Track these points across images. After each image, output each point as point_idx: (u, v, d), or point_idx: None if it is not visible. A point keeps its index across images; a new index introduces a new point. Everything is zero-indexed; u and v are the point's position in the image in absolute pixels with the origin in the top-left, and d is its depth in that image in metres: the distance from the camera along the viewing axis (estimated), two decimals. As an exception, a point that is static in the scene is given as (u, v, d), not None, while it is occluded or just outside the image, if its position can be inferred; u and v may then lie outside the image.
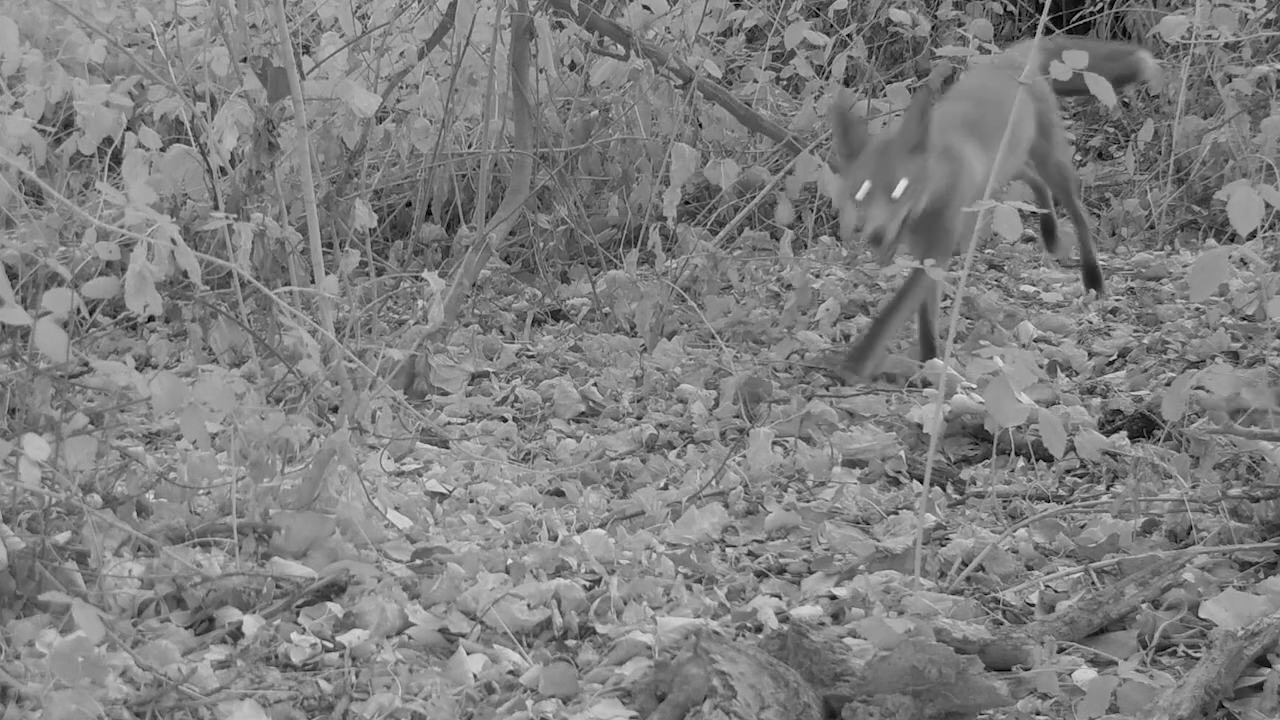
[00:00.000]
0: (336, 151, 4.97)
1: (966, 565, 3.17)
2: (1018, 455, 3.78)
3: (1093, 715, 2.57)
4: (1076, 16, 6.42)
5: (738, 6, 6.31)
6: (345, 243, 4.54)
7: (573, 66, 5.68)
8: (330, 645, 2.88)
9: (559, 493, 3.67)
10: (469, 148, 5.39)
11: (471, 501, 3.62)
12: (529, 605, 2.99)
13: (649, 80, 5.26)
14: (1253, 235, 4.65)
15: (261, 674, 2.79)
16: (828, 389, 4.29)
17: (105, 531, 3.08)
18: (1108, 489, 3.62)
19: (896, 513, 3.51)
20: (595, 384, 4.34)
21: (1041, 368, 4.21)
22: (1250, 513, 3.26)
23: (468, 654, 2.84)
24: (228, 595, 3.00)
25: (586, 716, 2.64)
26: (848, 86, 5.89)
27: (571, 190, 5.22)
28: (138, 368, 3.49)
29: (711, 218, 5.09)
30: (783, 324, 4.73)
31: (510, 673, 2.80)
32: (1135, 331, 4.70)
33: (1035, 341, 4.60)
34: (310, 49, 5.42)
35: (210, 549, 3.17)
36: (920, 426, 3.87)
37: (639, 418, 4.16)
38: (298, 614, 2.98)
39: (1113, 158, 6.29)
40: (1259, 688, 2.65)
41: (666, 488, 3.70)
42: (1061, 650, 2.82)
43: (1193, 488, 3.45)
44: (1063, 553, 3.30)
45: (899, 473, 3.73)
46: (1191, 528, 3.30)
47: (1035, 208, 3.73)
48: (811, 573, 3.23)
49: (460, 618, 2.97)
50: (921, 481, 3.23)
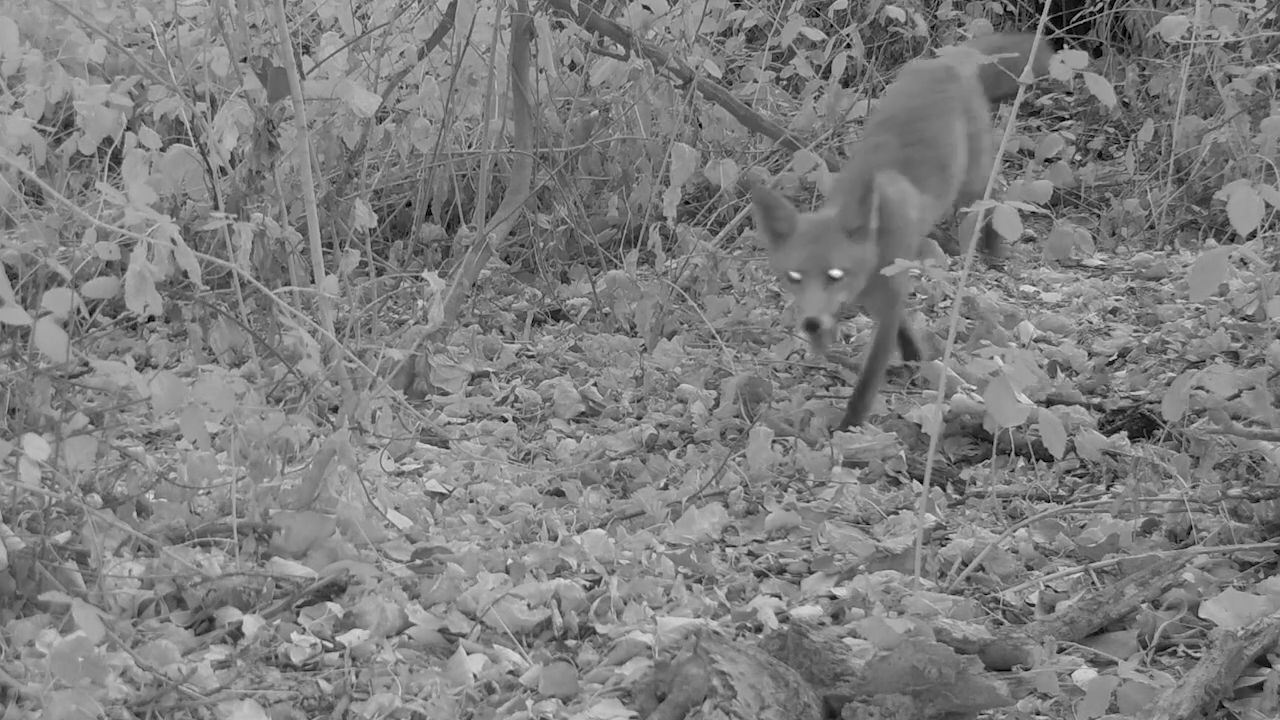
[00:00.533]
0: (336, 151, 4.97)
1: (966, 565, 3.17)
2: (1018, 455, 3.78)
3: (1093, 715, 2.57)
4: (1076, 16, 6.42)
5: (738, 6, 6.31)
6: (345, 243, 4.54)
7: (573, 66, 5.68)
8: (330, 645, 2.88)
9: (559, 493, 3.67)
10: (469, 148, 5.39)
11: (471, 501, 3.62)
12: (529, 605, 2.99)
13: (649, 80, 5.25)
14: (1253, 235, 4.64)
15: (261, 674, 2.79)
16: (828, 389, 4.29)
17: (105, 531, 3.08)
18: (1108, 489, 3.62)
19: (896, 513, 3.51)
20: (595, 384, 4.34)
21: (1041, 368, 4.21)
22: (1250, 513, 3.26)
23: (468, 654, 2.84)
24: (228, 595, 3.00)
25: (586, 716, 2.64)
26: (847, 86, 5.89)
27: (571, 190, 5.21)
28: (138, 368, 3.49)
29: (711, 218, 5.08)
30: (783, 324, 4.73)
31: (510, 673, 2.80)
32: (1135, 331, 4.69)
33: (1035, 341, 4.60)
34: (310, 49, 5.42)
35: (210, 549, 3.17)
36: (920, 426, 3.86)
37: (639, 418, 4.16)
38: (298, 614, 2.99)
39: (1113, 158, 6.29)
40: (1259, 688, 2.65)
41: (666, 488, 3.70)
42: (1061, 650, 2.82)
43: (1193, 488, 3.45)
44: (1063, 553, 3.30)
45: (899, 473, 3.73)
46: (1191, 528, 3.30)
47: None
48: (811, 573, 3.23)
49: (460, 618, 2.97)
50: (921, 481, 3.23)
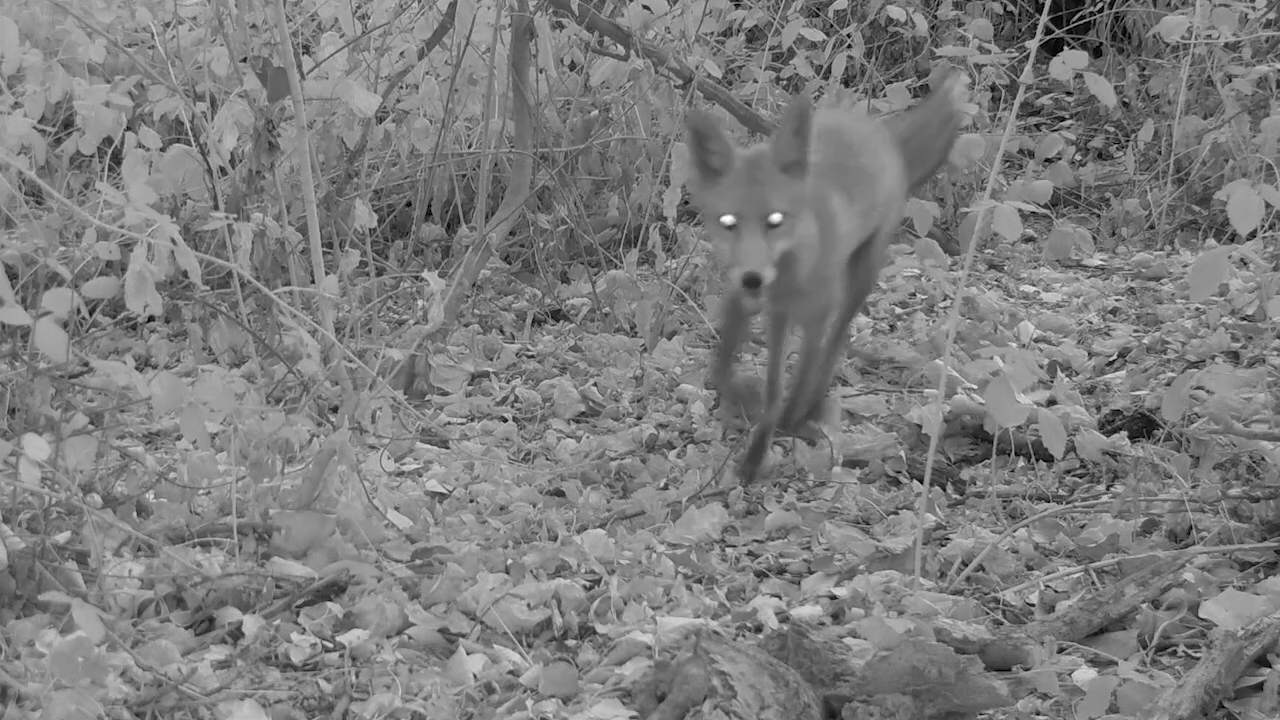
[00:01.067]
0: (336, 151, 4.97)
1: (966, 565, 3.17)
2: (1018, 455, 3.78)
3: (1093, 715, 2.57)
4: (1076, 16, 6.42)
5: (738, 6, 6.31)
6: (345, 243, 4.54)
7: (573, 66, 5.68)
8: (330, 645, 2.88)
9: (559, 493, 3.67)
10: (469, 148, 5.39)
11: (471, 501, 3.62)
12: (529, 605, 2.99)
13: (649, 80, 5.25)
14: (1253, 235, 4.64)
15: (261, 674, 2.79)
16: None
17: (105, 531, 3.08)
18: (1108, 489, 3.62)
19: (896, 513, 3.51)
20: (595, 384, 4.34)
21: (1041, 368, 4.21)
22: (1250, 513, 3.26)
23: (468, 654, 2.84)
24: (228, 595, 3.00)
25: (586, 716, 2.64)
26: (848, 86, 5.89)
27: (571, 190, 5.21)
28: (138, 368, 3.49)
29: (712, 218, 5.08)
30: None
31: (510, 673, 2.80)
32: (1135, 331, 4.69)
33: (1035, 341, 4.59)
34: (310, 49, 5.42)
35: (210, 549, 3.17)
36: (920, 426, 3.86)
37: (639, 418, 4.16)
38: (298, 614, 2.99)
39: (1113, 158, 6.29)
40: (1259, 688, 2.65)
41: (666, 488, 3.70)
42: (1061, 650, 2.82)
43: (1193, 488, 3.45)
44: (1063, 553, 3.30)
45: (899, 473, 3.73)
46: (1191, 528, 3.30)
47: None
48: (811, 573, 3.23)
49: (460, 618, 2.97)
50: (921, 481, 3.23)
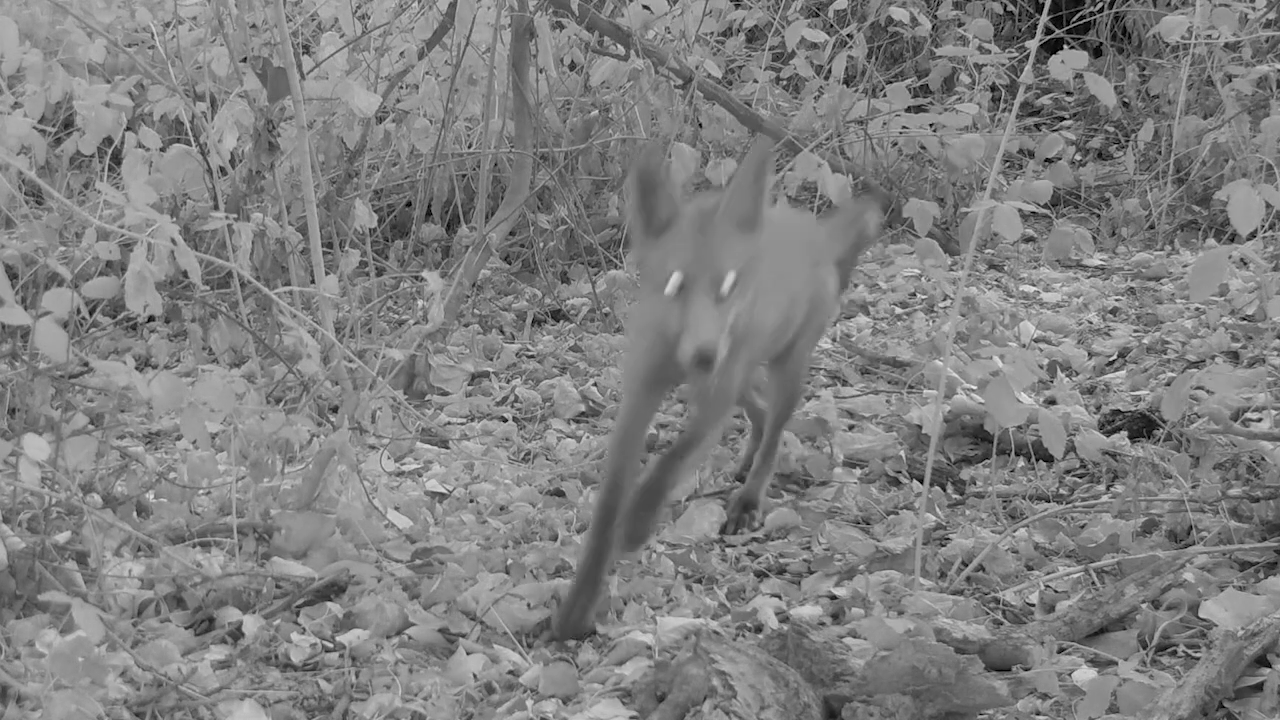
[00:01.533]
0: (336, 151, 4.97)
1: (966, 565, 3.17)
2: (1018, 455, 3.78)
3: (1093, 715, 2.57)
4: (1076, 16, 6.42)
5: (738, 6, 6.31)
6: (345, 243, 4.54)
7: (573, 66, 5.68)
8: (330, 645, 2.88)
9: (559, 493, 3.67)
10: (469, 148, 5.39)
11: (471, 501, 3.62)
12: (529, 605, 2.99)
13: (649, 80, 5.25)
14: (1253, 235, 4.65)
15: (261, 674, 2.79)
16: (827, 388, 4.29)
17: (105, 531, 3.08)
18: (1108, 489, 3.62)
19: (896, 513, 3.50)
20: (595, 384, 4.34)
21: (1041, 368, 4.21)
22: (1250, 513, 3.26)
23: (468, 654, 2.84)
24: (228, 595, 3.00)
25: (586, 716, 2.64)
26: (848, 86, 5.89)
27: (571, 190, 5.21)
28: (138, 368, 3.48)
29: (712, 218, 5.08)
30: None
31: (510, 673, 2.80)
32: (1135, 331, 4.70)
33: (1035, 341, 4.59)
34: (310, 49, 5.42)
35: (210, 549, 3.17)
36: (920, 426, 3.87)
37: (639, 418, 4.15)
38: (298, 614, 2.98)
39: (1113, 158, 6.30)
40: (1259, 688, 2.65)
41: (666, 487, 3.69)
42: (1061, 650, 2.82)
43: (1193, 488, 3.45)
44: (1063, 553, 3.29)
45: (899, 473, 3.73)
46: (1191, 528, 3.29)
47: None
48: (811, 573, 3.23)
49: (460, 618, 2.97)
50: (921, 481, 3.23)
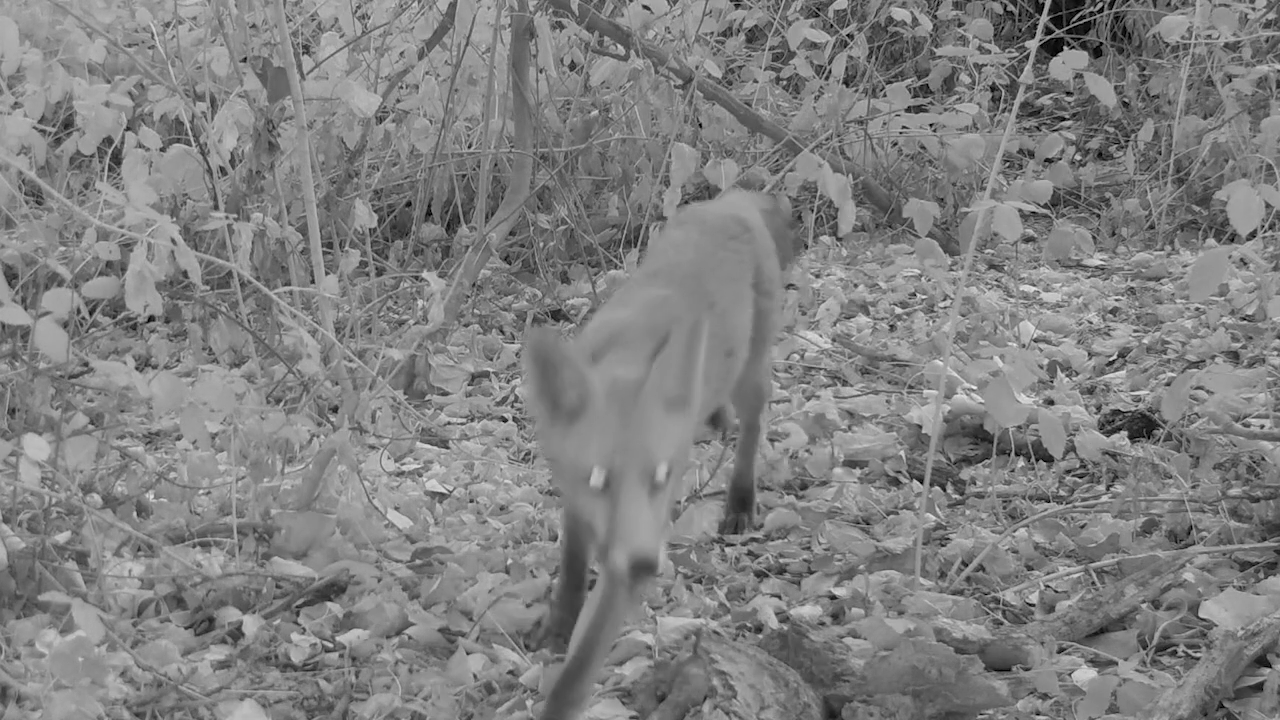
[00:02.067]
0: (336, 151, 4.97)
1: (966, 565, 3.17)
2: (1018, 455, 3.78)
3: (1093, 715, 2.57)
4: (1076, 16, 6.42)
5: (738, 6, 6.32)
6: (345, 243, 4.54)
7: (573, 66, 5.68)
8: (330, 645, 2.88)
9: (559, 492, 3.67)
10: (469, 148, 5.39)
11: (471, 501, 3.62)
12: (528, 605, 2.99)
13: (649, 80, 5.25)
14: (1253, 235, 4.65)
15: (261, 674, 2.79)
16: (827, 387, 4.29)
17: (105, 531, 3.08)
18: (1108, 489, 3.62)
19: (896, 513, 3.50)
20: (595, 384, 4.33)
21: (1041, 368, 4.21)
22: (1250, 513, 3.26)
23: (468, 654, 2.84)
24: (228, 595, 3.00)
25: (586, 716, 2.64)
26: (848, 86, 5.89)
27: (571, 190, 5.21)
28: (138, 368, 3.49)
29: (711, 218, 5.08)
30: (783, 324, 4.73)
31: (510, 673, 2.80)
32: (1135, 331, 4.70)
33: (1035, 341, 4.59)
34: (310, 49, 5.43)
35: (210, 549, 3.17)
36: (920, 426, 3.86)
37: (639, 417, 4.15)
38: (298, 614, 2.99)
39: (1113, 158, 6.30)
40: (1259, 688, 2.65)
41: (666, 487, 3.69)
42: (1061, 650, 2.82)
43: (1193, 488, 3.45)
44: (1063, 553, 3.29)
45: (899, 473, 3.73)
46: (1191, 528, 3.29)
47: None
48: (811, 573, 3.23)
49: (460, 618, 2.97)
50: (921, 481, 3.23)
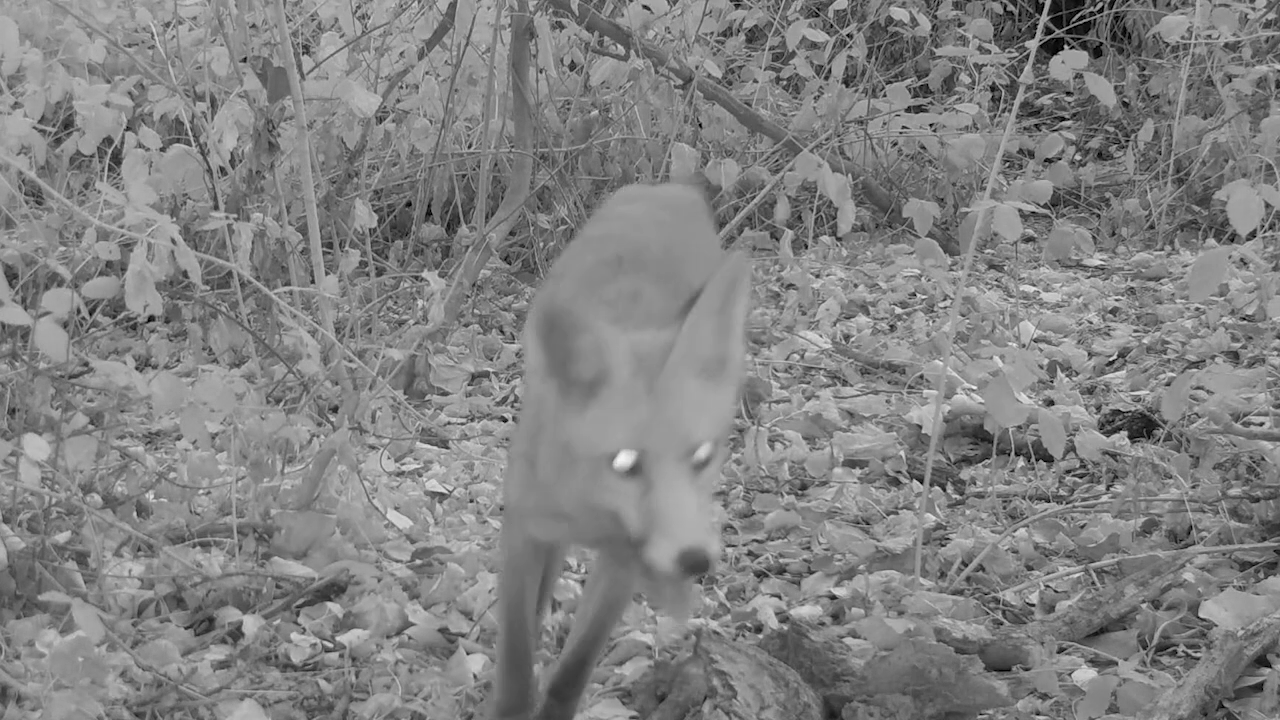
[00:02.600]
0: (336, 151, 4.97)
1: (966, 565, 3.17)
2: (1018, 455, 3.78)
3: (1093, 715, 2.57)
4: (1076, 16, 6.42)
5: (738, 6, 6.31)
6: (345, 243, 4.54)
7: (573, 66, 5.68)
8: (330, 645, 2.88)
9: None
10: (469, 148, 5.39)
11: (471, 501, 3.62)
12: (528, 605, 2.99)
13: (649, 80, 5.25)
14: (1253, 235, 4.64)
15: (261, 674, 2.79)
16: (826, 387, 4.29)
17: (105, 531, 3.08)
18: (1108, 489, 3.62)
19: (896, 513, 3.50)
20: (595, 384, 4.33)
21: (1041, 368, 4.20)
22: (1250, 513, 3.26)
23: (468, 654, 2.83)
24: (228, 595, 3.00)
25: (586, 716, 2.64)
26: (848, 86, 5.89)
27: (571, 190, 5.21)
28: (138, 368, 3.49)
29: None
30: (783, 324, 4.73)
31: (510, 673, 2.80)
32: (1135, 331, 4.69)
33: (1035, 341, 4.59)
34: (310, 49, 5.42)
35: (210, 549, 3.17)
36: (920, 426, 3.86)
37: (639, 417, 4.14)
38: (298, 614, 2.98)
39: (1113, 158, 6.29)
40: (1259, 688, 2.65)
41: (666, 487, 3.68)
42: (1061, 650, 2.82)
43: (1193, 488, 3.45)
44: (1063, 553, 3.29)
45: (899, 473, 3.73)
46: (1191, 528, 3.29)
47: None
48: (811, 573, 3.23)
49: (460, 618, 2.97)
50: (921, 481, 3.23)
